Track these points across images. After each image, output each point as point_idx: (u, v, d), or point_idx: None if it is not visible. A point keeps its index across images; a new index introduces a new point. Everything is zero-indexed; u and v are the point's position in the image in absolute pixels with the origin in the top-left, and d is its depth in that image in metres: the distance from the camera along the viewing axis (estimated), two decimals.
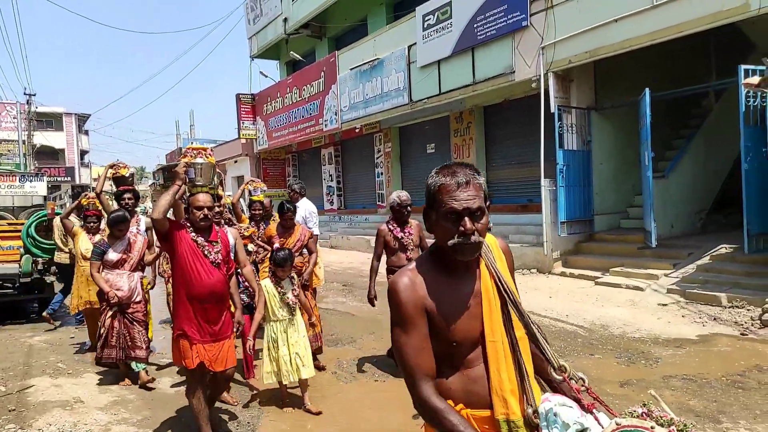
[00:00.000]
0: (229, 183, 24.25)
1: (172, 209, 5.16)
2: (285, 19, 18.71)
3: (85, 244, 6.12)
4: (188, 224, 3.55)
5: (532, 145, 10.69)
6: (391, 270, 5.06)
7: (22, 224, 7.80)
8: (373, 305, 5.12)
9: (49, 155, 41.94)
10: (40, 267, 7.80)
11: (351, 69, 14.72)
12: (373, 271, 5.08)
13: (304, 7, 17.62)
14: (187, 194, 3.64)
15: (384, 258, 5.15)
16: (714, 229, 10.24)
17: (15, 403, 4.79)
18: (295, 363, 4.26)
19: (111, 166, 5.97)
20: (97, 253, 4.98)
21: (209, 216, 3.55)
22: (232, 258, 3.95)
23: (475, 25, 10.82)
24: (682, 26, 7.76)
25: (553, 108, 9.63)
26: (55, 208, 8.20)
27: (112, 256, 4.99)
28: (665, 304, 7.36)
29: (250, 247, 5.48)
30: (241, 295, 4.70)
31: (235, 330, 3.84)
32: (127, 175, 5.96)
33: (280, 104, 18.50)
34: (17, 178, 9.12)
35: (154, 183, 22.28)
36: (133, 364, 5.11)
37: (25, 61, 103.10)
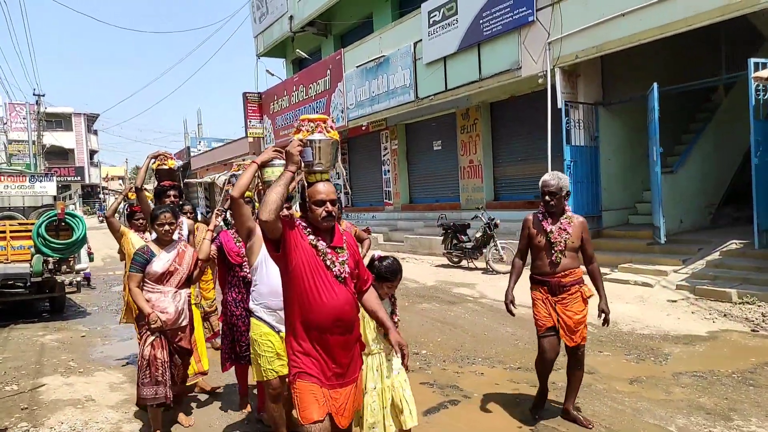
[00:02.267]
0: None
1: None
2: (291, 17, 18.72)
3: (137, 243, 5.00)
4: (303, 224, 2.63)
5: (538, 141, 10.65)
6: (532, 278, 4.01)
7: (33, 224, 7.86)
8: (511, 312, 4.06)
9: (58, 155, 42.28)
10: (50, 266, 7.85)
11: (357, 66, 14.71)
12: (515, 270, 4.09)
13: (309, 4, 17.62)
14: (299, 184, 2.71)
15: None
16: (724, 225, 10.16)
17: (27, 401, 4.84)
18: (398, 408, 3.17)
19: (154, 157, 5.04)
20: (138, 262, 3.84)
21: (333, 213, 2.60)
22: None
23: (481, 21, 10.77)
24: (691, 20, 7.69)
25: (560, 103, 9.58)
26: (65, 207, 8.25)
27: (157, 266, 3.84)
28: (675, 301, 7.32)
29: None
30: None
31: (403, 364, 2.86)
32: (174, 168, 5.09)
33: (287, 102, 18.53)
34: (27, 179, 9.18)
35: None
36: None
37: (34, 62, 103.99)
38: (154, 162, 4.99)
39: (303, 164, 2.60)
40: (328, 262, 2.58)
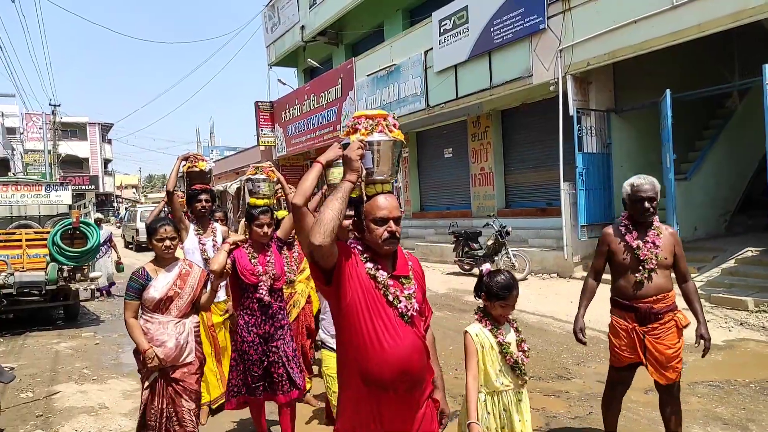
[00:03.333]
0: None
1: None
2: (302, 27, 18.87)
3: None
4: (359, 248, 2.13)
5: (550, 148, 10.61)
6: (614, 302, 3.44)
7: (48, 233, 7.96)
8: (580, 341, 3.56)
9: (73, 164, 42.85)
10: (65, 274, 7.94)
11: (368, 75, 14.77)
12: (587, 292, 3.56)
13: (321, 14, 17.76)
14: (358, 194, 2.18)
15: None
16: (739, 232, 10.03)
17: (42, 408, 4.88)
18: None
19: (185, 158, 4.64)
20: (133, 288, 3.28)
21: (397, 234, 2.11)
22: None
23: (492, 29, 10.79)
24: (704, 26, 7.64)
25: (571, 111, 9.55)
26: (80, 216, 8.35)
27: (154, 292, 3.25)
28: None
29: None
30: None
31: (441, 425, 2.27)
32: (206, 170, 4.65)
33: (298, 111, 18.64)
34: (43, 188, 9.31)
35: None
36: None
37: (50, 73, 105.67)
38: (185, 164, 4.62)
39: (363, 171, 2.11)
40: (391, 297, 2.06)
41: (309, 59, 18.87)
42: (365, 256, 2.10)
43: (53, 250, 7.79)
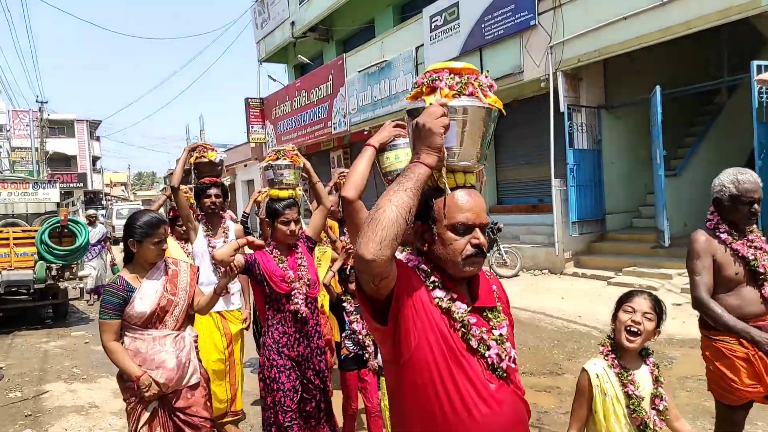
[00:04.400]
0: (239, 189, 24.41)
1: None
2: (292, 23, 18.78)
3: (178, 254, 3.96)
4: (424, 268, 1.49)
5: (541, 144, 10.63)
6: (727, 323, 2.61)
7: (36, 231, 7.88)
8: None
9: (61, 162, 42.43)
10: (54, 273, 7.86)
11: (359, 71, 14.74)
12: (725, 310, 2.64)
13: (311, 10, 17.68)
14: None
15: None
16: None
17: (31, 408, 4.84)
18: None
19: (192, 149, 4.08)
20: (112, 305, 2.61)
21: (484, 248, 1.48)
22: None
23: (483, 26, 10.79)
24: (692, 23, 7.69)
25: (562, 107, 9.58)
26: (68, 214, 8.27)
27: (142, 305, 2.61)
28: (679, 304, 7.28)
29: None
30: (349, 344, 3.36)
31: None
32: (216, 161, 4.08)
33: (289, 108, 18.56)
34: (30, 185, 9.21)
35: (165, 188, 22.39)
36: None
37: (37, 69, 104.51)
38: (192, 155, 4.05)
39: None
40: (475, 341, 1.40)
41: (299, 55, 18.78)
42: (433, 280, 1.43)
43: (41, 248, 7.71)
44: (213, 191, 3.95)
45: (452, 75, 1.48)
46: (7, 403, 4.98)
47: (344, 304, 3.38)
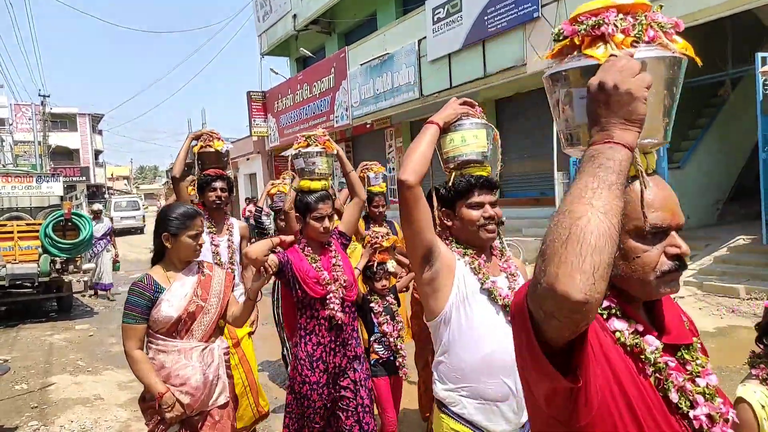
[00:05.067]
0: (241, 182, 24.43)
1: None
2: (294, 16, 18.71)
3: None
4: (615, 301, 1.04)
5: (544, 137, 10.61)
6: None
7: (40, 224, 7.91)
8: None
9: (64, 156, 42.50)
10: (58, 266, 7.90)
11: (361, 64, 14.69)
12: None
13: (313, 3, 17.61)
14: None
15: None
16: (731, 220, 10.10)
17: (37, 400, 4.88)
18: None
19: (197, 137, 3.68)
20: (137, 306, 2.31)
21: (686, 256, 1.06)
22: None
23: (486, 18, 10.73)
24: (697, 14, 7.64)
25: None
26: (72, 207, 8.29)
27: (169, 308, 2.32)
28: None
29: (391, 266, 3.27)
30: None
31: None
32: (223, 151, 3.69)
33: (291, 101, 18.53)
34: (34, 179, 9.24)
35: (167, 182, 22.39)
36: None
37: (39, 63, 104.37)
38: (196, 144, 3.65)
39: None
40: (674, 394, 0.99)
41: (301, 48, 18.73)
42: (607, 305, 1.03)
43: (45, 242, 7.74)
44: (218, 184, 3.54)
45: (620, 16, 1.05)
46: (14, 395, 5.02)
47: (371, 305, 3.11)
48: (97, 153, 48.10)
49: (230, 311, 2.50)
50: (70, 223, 7.97)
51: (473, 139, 1.87)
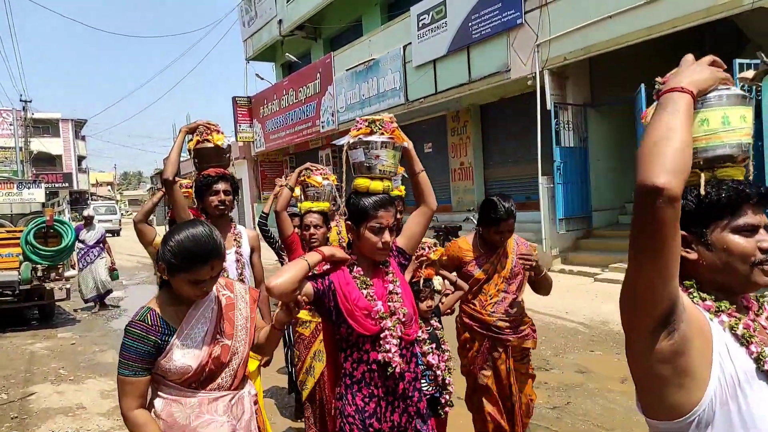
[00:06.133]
0: None
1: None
2: (280, 21, 18.71)
3: None
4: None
5: (528, 142, 10.71)
6: None
7: (21, 231, 7.79)
8: None
9: (46, 161, 41.92)
10: (39, 274, 7.78)
11: (347, 70, 14.73)
12: None
13: (298, 8, 17.63)
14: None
15: None
16: None
17: (17, 410, 4.79)
18: None
19: (191, 131, 3.01)
20: (138, 353, 1.72)
21: None
22: None
23: (470, 24, 10.83)
24: (677, 21, 7.79)
25: (549, 105, 9.65)
26: (54, 214, 8.18)
27: (183, 358, 1.75)
28: None
29: (438, 283, 2.86)
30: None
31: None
32: (224, 146, 3.10)
33: (277, 106, 18.50)
34: (15, 185, 9.11)
35: (152, 188, 22.15)
36: None
37: (21, 68, 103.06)
38: (191, 139, 3.05)
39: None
40: None
41: (287, 53, 18.73)
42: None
43: (26, 249, 7.62)
44: (221, 186, 2.94)
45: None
46: None
47: None
48: (80, 159, 47.50)
49: (258, 337, 1.95)
50: (51, 230, 7.86)
51: (740, 123, 1.25)
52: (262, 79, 20.68)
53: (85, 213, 9.39)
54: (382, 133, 2.09)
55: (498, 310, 2.99)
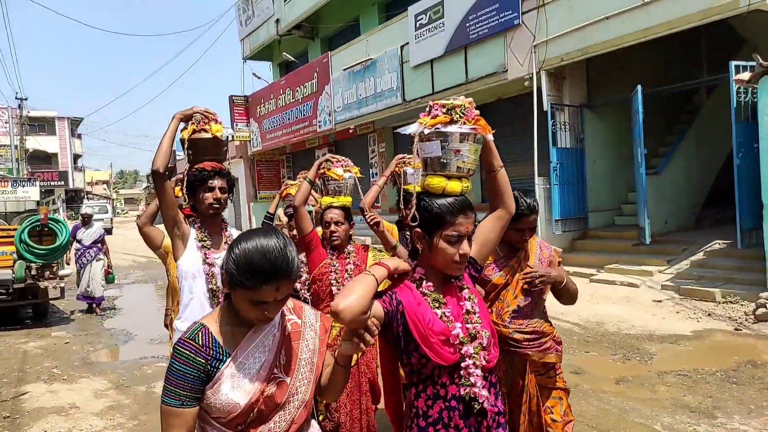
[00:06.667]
0: None
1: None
2: (277, 20, 18.68)
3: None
4: None
5: (525, 143, 10.71)
6: None
7: (15, 230, 7.75)
8: None
9: (41, 160, 41.79)
10: (33, 272, 7.75)
11: (344, 69, 14.71)
12: None
13: (296, 8, 17.60)
14: None
15: None
16: (708, 225, 10.29)
17: (9, 410, 4.76)
18: None
19: (186, 118, 2.70)
20: (183, 379, 1.41)
21: None
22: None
23: (468, 24, 10.83)
24: (673, 23, 7.80)
25: (545, 106, 9.65)
26: (48, 212, 8.14)
27: (232, 392, 1.43)
28: (660, 301, 7.39)
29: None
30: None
31: None
32: (222, 137, 2.77)
33: (274, 106, 18.47)
34: (9, 183, 9.06)
35: (148, 186, 22.11)
36: None
37: (16, 65, 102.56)
38: (185, 128, 2.72)
39: None
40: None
41: (284, 53, 18.70)
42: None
43: (21, 247, 7.58)
44: (217, 182, 2.65)
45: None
46: None
47: None
48: (76, 157, 47.37)
49: (323, 377, 1.61)
50: (46, 229, 7.82)
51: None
52: (259, 78, 20.67)
53: (83, 211, 8.99)
54: (464, 122, 1.73)
55: (515, 321, 2.61)
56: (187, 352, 1.42)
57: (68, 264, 8.69)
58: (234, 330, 1.48)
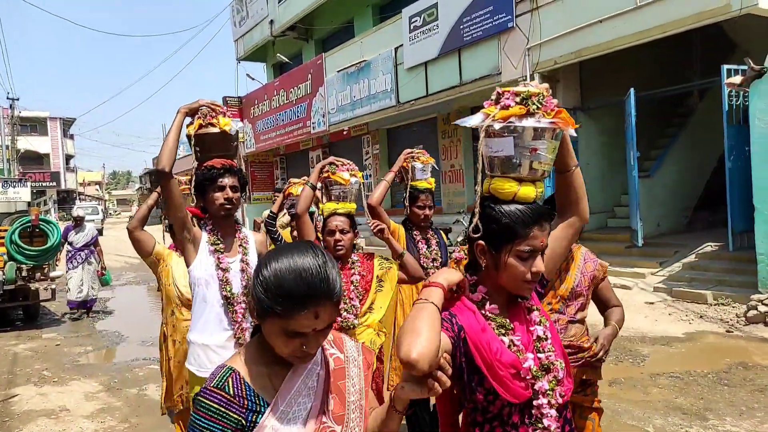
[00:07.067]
0: None
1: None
2: (271, 22, 18.65)
3: (183, 277, 3.00)
4: None
5: None
6: None
7: (6, 231, 7.69)
8: None
9: (33, 160, 41.51)
10: (24, 274, 7.68)
11: (338, 71, 14.70)
12: None
13: (290, 9, 17.59)
14: None
15: None
16: (700, 227, 10.35)
17: None
18: None
19: (192, 113, 2.51)
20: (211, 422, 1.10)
21: None
22: None
23: (462, 27, 10.85)
24: (666, 26, 7.84)
25: None
26: (40, 213, 8.08)
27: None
28: (652, 303, 7.42)
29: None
30: None
31: None
32: (232, 132, 2.59)
33: (267, 107, 18.43)
34: (0, 184, 8.99)
35: (141, 187, 22.05)
36: None
37: (8, 65, 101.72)
38: (192, 123, 2.54)
39: None
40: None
41: (278, 54, 18.67)
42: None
43: (11, 248, 7.52)
44: (228, 181, 2.46)
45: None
46: None
47: None
48: (68, 158, 47.10)
49: (372, 421, 1.34)
50: (37, 230, 7.77)
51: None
52: (253, 79, 20.60)
53: (74, 213, 8.79)
54: (543, 115, 1.44)
55: None
56: (216, 406, 1.11)
57: (58, 265, 8.61)
58: (270, 371, 1.19)
